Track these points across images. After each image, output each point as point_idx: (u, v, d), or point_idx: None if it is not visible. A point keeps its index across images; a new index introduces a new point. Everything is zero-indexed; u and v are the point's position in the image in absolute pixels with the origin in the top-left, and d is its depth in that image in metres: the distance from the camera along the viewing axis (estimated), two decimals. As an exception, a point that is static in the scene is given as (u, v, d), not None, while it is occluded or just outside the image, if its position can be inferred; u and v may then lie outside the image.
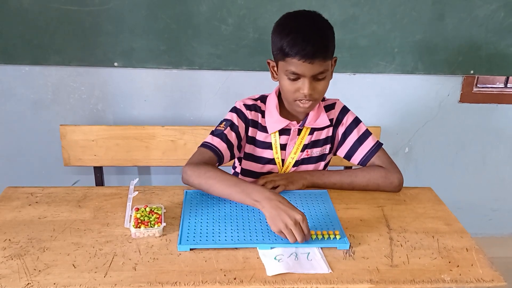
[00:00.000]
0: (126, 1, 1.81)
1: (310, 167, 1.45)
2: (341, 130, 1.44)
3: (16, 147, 2.05)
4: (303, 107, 1.30)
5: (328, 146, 1.45)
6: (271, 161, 1.43)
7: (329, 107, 1.44)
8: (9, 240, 1.10)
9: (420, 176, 2.27)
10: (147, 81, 1.98)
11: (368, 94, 2.07)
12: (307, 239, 1.10)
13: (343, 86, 2.00)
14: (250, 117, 1.40)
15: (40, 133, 2.02)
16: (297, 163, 1.43)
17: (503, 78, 2.16)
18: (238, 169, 1.55)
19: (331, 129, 1.44)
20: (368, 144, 1.42)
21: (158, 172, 2.18)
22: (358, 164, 1.44)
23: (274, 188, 1.32)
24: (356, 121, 1.44)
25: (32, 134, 2.03)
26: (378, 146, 1.42)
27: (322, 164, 1.47)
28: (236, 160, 1.53)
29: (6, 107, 1.98)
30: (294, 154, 1.42)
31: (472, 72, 2.03)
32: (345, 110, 1.45)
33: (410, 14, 1.90)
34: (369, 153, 1.41)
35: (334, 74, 1.34)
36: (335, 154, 1.50)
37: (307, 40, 1.20)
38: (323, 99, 1.45)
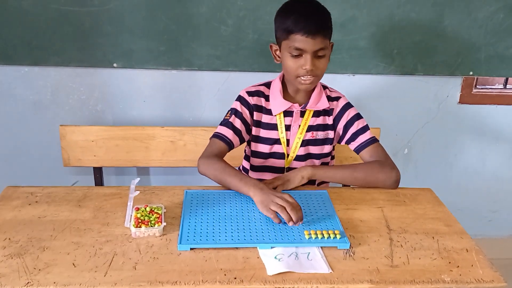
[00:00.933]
0: (126, 2, 1.81)
1: (316, 148, 1.54)
2: (342, 123, 1.52)
3: (15, 148, 2.05)
4: (305, 83, 1.39)
5: (332, 132, 1.54)
6: (277, 141, 1.52)
7: (332, 99, 1.53)
8: (9, 239, 1.09)
9: (420, 177, 2.27)
10: (147, 82, 1.98)
11: (368, 95, 2.08)
12: (300, 220, 1.16)
13: (342, 87, 1.98)
14: (252, 103, 1.51)
15: (39, 133, 2.02)
16: (304, 143, 1.52)
17: (503, 79, 2.16)
18: (246, 165, 1.64)
19: (331, 118, 1.53)
20: (366, 136, 1.50)
21: (157, 172, 2.18)
22: (353, 150, 1.52)
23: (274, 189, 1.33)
24: (358, 116, 1.53)
25: (32, 134, 2.03)
26: (372, 141, 1.49)
27: (327, 147, 1.55)
28: (246, 144, 1.61)
29: (6, 108, 1.98)
30: (300, 134, 1.50)
31: (471, 73, 2.04)
32: (347, 106, 1.53)
33: (409, 16, 1.91)
34: (366, 143, 1.49)
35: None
36: (340, 142, 1.57)
37: (310, 17, 1.33)
38: (326, 87, 1.55)
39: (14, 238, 1.10)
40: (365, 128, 1.52)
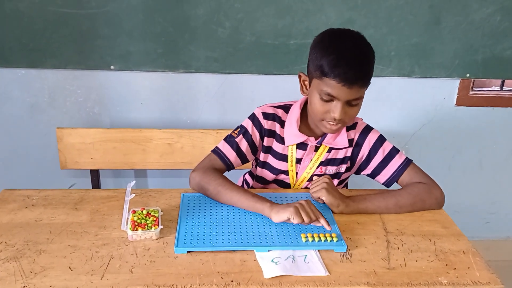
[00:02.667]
0: (123, 5, 1.81)
1: None
2: (363, 151, 1.39)
3: (12, 150, 2.05)
4: (330, 129, 1.27)
5: (344, 166, 1.40)
6: (285, 172, 1.41)
7: (350, 127, 1.39)
8: (5, 242, 1.09)
9: (417, 179, 2.27)
10: (144, 84, 1.98)
11: (365, 97, 2.06)
12: (316, 217, 1.15)
13: (340, 90, 2.00)
14: (266, 127, 1.38)
15: (36, 136, 2.02)
16: (311, 178, 1.40)
17: (499, 81, 2.16)
18: (248, 178, 1.56)
19: (350, 149, 1.39)
20: (395, 163, 1.36)
21: (155, 175, 2.18)
22: (383, 183, 1.40)
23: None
24: (381, 141, 1.39)
25: (29, 137, 2.02)
26: (406, 163, 1.36)
27: (335, 182, 1.42)
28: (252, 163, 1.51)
29: (3, 110, 1.98)
30: (310, 169, 1.39)
31: (468, 75, 2.04)
32: (367, 130, 1.40)
33: (406, 18, 1.91)
34: (396, 172, 1.36)
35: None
36: (358, 173, 1.45)
37: (351, 64, 1.17)
38: None
39: (11, 242, 1.09)
40: (392, 152, 1.37)
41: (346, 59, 1.17)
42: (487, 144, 2.24)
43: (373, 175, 1.41)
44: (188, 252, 1.07)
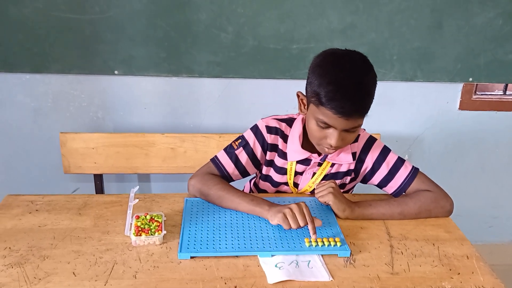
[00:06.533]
0: (126, 10, 1.81)
1: None
2: (367, 164, 1.37)
3: (16, 155, 2.05)
4: (328, 152, 1.26)
5: (348, 178, 1.39)
6: (287, 183, 1.40)
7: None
8: (9, 248, 1.09)
9: (420, 183, 2.27)
10: (147, 89, 1.99)
11: (368, 102, 2.08)
12: (309, 221, 1.12)
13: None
14: (269, 141, 1.35)
15: (40, 140, 2.03)
16: (313, 190, 1.37)
17: (502, 85, 2.16)
18: (253, 188, 1.55)
19: (353, 163, 1.37)
20: (402, 174, 1.34)
21: (158, 179, 2.18)
22: (391, 194, 1.38)
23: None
24: (384, 153, 1.36)
25: (32, 141, 2.03)
26: (413, 173, 1.34)
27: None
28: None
29: (7, 115, 1.98)
30: (312, 183, 1.37)
31: (471, 79, 2.04)
32: (369, 143, 1.37)
33: (408, 22, 1.92)
34: (403, 184, 1.34)
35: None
36: (365, 183, 1.43)
37: (348, 97, 1.12)
38: None
39: (15, 247, 1.10)
40: (397, 165, 1.34)
41: (344, 91, 1.12)
42: (490, 148, 2.24)
43: (380, 186, 1.39)
44: (191, 257, 1.08)
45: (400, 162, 1.36)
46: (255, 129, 1.37)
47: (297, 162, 1.35)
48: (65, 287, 0.97)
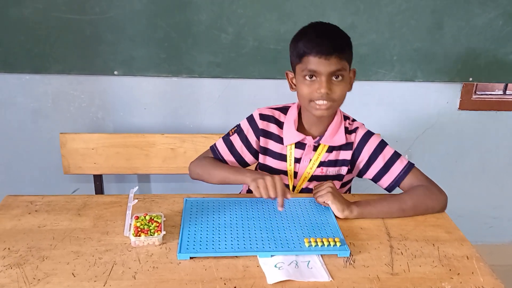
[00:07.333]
0: (126, 10, 1.82)
1: None
2: (363, 156, 1.39)
3: (16, 156, 2.05)
4: (320, 109, 1.28)
5: (345, 168, 1.41)
6: (285, 173, 1.42)
7: (350, 131, 1.40)
8: (9, 249, 1.09)
9: (420, 184, 2.26)
10: (147, 90, 1.99)
11: (368, 102, 2.08)
12: (279, 195, 1.17)
13: (342, 94, 2.00)
14: (261, 127, 1.41)
15: (40, 141, 2.03)
16: (312, 178, 1.41)
17: (502, 85, 2.16)
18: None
19: (350, 152, 1.40)
20: (396, 168, 1.36)
21: (157, 180, 2.18)
22: (385, 189, 1.40)
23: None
24: (381, 146, 1.39)
25: (32, 142, 2.03)
26: (408, 168, 1.36)
27: (338, 183, 1.43)
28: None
29: (7, 116, 1.98)
30: (310, 169, 1.40)
31: (471, 79, 2.04)
32: (367, 136, 1.40)
33: (409, 23, 1.91)
34: (398, 177, 1.36)
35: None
36: (360, 177, 1.45)
37: (322, 35, 1.25)
38: (347, 118, 1.43)
39: (14, 248, 1.09)
40: (393, 158, 1.37)
41: (318, 33, 1.26)
42: (490, 148, 2.24)
43: (375, 180, 1.41)
44: (191, 258, 1.07)
45: (396, 156, 1.38)
46: (250, 117, 1.44)
47: (295, 147, 1.39)
48: (64, 288, 0.97)
